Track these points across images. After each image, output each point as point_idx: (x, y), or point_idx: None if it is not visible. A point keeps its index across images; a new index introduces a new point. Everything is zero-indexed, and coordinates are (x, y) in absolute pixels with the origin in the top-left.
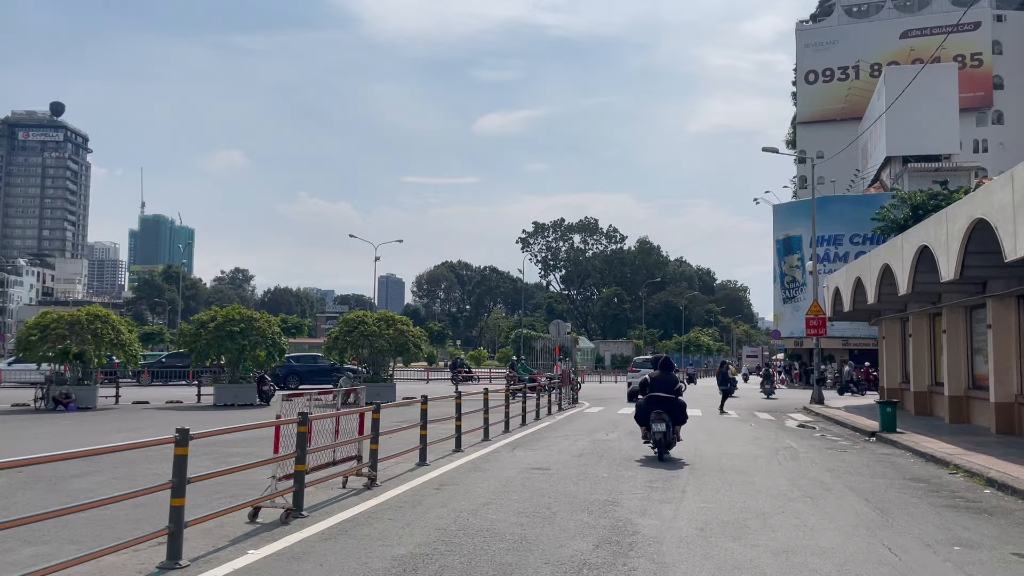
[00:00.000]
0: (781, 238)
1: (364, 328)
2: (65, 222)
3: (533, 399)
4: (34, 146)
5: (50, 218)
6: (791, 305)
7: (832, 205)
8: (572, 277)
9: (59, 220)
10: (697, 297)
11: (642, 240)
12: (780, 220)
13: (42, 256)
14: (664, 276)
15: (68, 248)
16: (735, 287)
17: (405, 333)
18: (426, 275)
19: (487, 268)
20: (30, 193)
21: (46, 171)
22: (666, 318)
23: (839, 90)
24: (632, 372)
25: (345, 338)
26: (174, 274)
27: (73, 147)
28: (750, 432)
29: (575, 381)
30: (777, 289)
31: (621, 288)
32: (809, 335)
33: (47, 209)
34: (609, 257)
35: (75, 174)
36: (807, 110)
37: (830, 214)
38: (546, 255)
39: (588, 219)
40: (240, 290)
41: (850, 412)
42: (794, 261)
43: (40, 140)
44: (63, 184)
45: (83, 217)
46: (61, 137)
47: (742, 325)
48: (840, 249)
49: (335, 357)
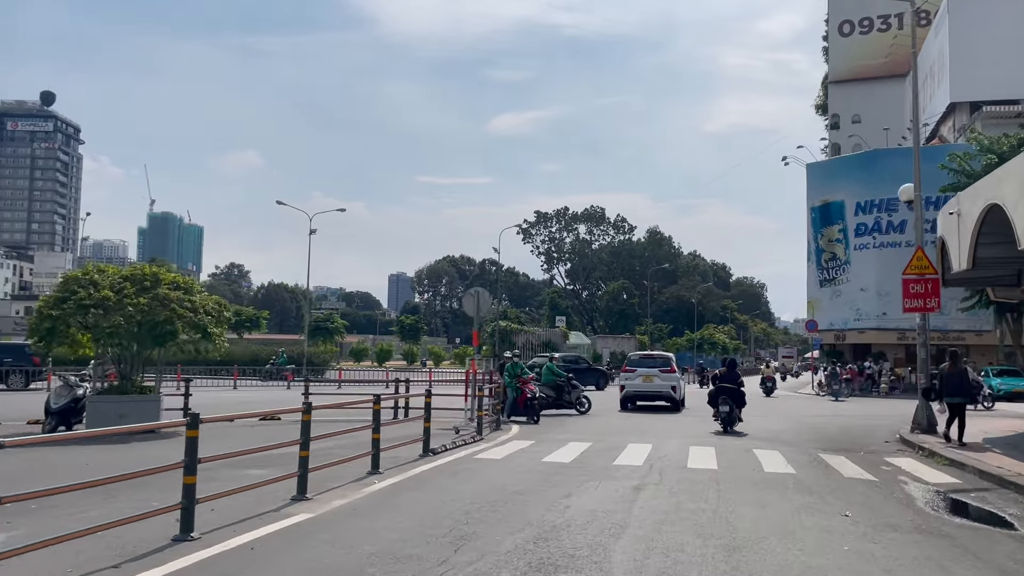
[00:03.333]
0: (817, 205)
1: (91, 295)
2: (55, 215)
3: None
4: (23, 136)
5: (39, 211)
6: (830, 289)
7: (883, 161)
8: (577, 271)
9: (48, 213)
10: (712, 291)
11: (652, 230)
12: (816, 183)
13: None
14: (676, 269)
15: (58, 242)
16: (752, 283)
17: (172, 303)
18: (426, 270)
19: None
20: (19, 185)
21: (35, 162)
22: (677, 313)
23: (879, 43)
24: (626, 372)
25: (57, 312)
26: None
27: (64, 138)
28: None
29: (525, 389)
30: (812, 270)
31: (629, 282)
32: (908, 310)
33: (36, 202)
34: (617, 249)
35: (65, 166)
36: (841, 66)
37: (880, 172)
38: (549, 247)
39: (594, 208)
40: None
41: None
42: (834, 234)
43: (29, 130)
44: (53, 176)
45: (74, 210)
46: (51, 127)
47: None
48: (895, 216)
49: (39, 346)
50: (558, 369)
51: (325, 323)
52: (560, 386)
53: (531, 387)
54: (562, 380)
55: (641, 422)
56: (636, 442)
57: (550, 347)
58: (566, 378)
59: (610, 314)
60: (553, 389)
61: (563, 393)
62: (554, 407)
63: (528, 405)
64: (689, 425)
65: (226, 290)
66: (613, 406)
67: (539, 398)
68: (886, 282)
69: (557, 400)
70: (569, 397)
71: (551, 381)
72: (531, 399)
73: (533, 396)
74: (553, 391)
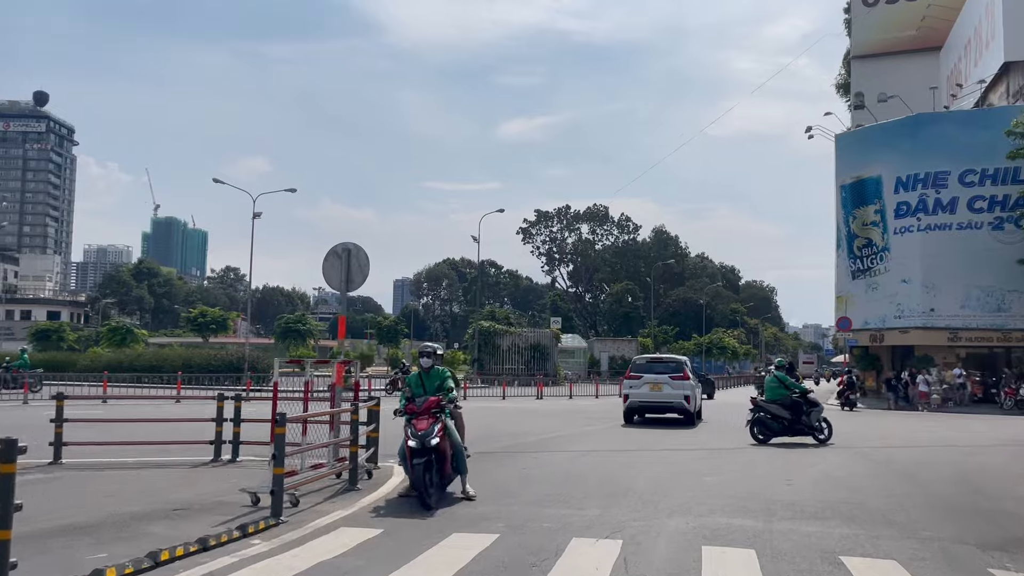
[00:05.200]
0: (848, 182)
1: None
2: (47, 217)
3: None
4: (15, 137)
5: (31, 213)
6: (865, 281)
7: (929, 127)
8: (580, 272)
9: (40, 215)
10: (721, 293)
11: (658, 230)
12: (847, 157)
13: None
14: (683, 270)
15: (50, 244)
16: (762, 287)
17: None
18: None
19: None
20: (10, 187)
21: (27, 163)
22: (684, 316)
23: (910, 13)
24: (631, 378)
25: None
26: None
27: (57, 139)
28: None
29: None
30: (842, 259)
31: (633, 283)
32: None
33: (28, 204)
34: (621, 249)
35: (59, 167)
36: (865, 40)
37: (926, 141)
38: (550, 247)
39: (598, 206)
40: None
41: None
42: (869, 215)
43: (22, 131)
44: (45, 177)
45: (67, 212)
46: (43, 128)
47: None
48: (944, 193)
49: None
50: (790, 380)
51: (296, 324)
52: (796, 404)
53: (442, 423)
54: (797, 395)
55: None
56: (595, 534)
57: (539, 350)
58: (802, 391)
59: (613, 317)
60: (787, 408)
61: (800, 414)
62: (788, 433)
63: (431, 467)
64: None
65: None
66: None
67: (765, 421)
68: (934, 272)
69: (793, 424)
70: (808, 420)
71: (781, 397)
72: (442, 460)
73: (454, 452)
74: (788, 411)
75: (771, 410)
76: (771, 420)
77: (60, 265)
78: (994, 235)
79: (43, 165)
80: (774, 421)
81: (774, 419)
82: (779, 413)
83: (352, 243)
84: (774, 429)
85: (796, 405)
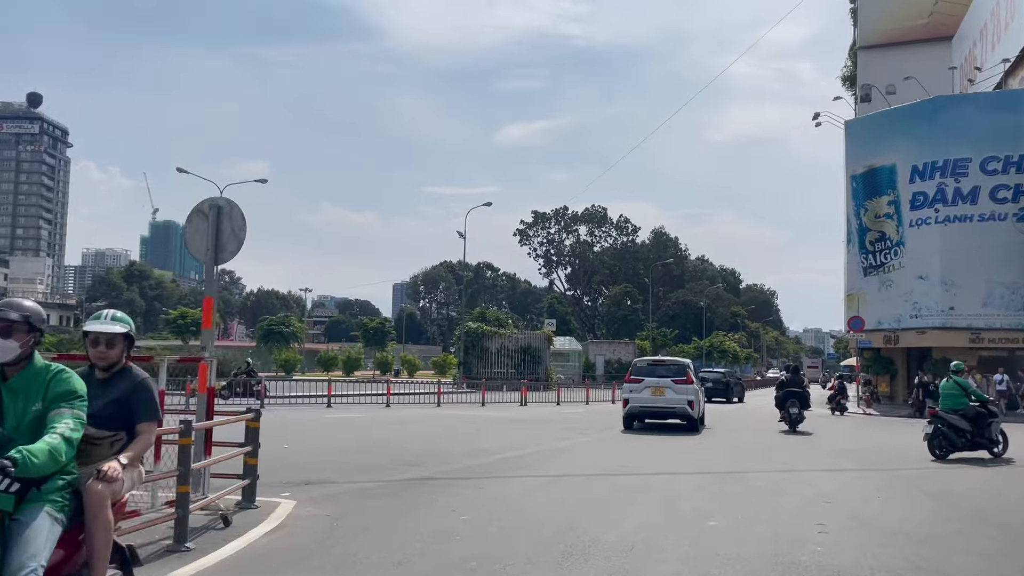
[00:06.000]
0: (860, 172)
1: None
2: (40, 219)
3: None
4: (8, 139)
5: (24, 215)
6: (877, 278)
7: (948, 111)
8: (578, 274)
9: (33, 218)
10: (722, 295)
11: (657, 231)
12: (857, 144)
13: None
14: (683, 273)
15: (43, 247)
16: (763, 290)
17: None
18: (422, 275)
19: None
20: (3, 189)
21: (20, 165)
22: (684, 319)
23: (920, 1)
24: (631, 382)
25: None
26: (136, 273)
27: (51, 140)
28: None
29: None
30: (852, 255)
31: (632, 286)
32: None
33: (21, 206)
34: (619, 251)
35: (52, 169)
36: (873, 29)
37: (945, 126)
38: (548, 249)
39: (596, 207)
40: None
41: None
42: (882, 207)
43: (15, 132)
44: (38, 179)
45: (61, 215)
46: (37, 129)
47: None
48: (964, 182)
49: None
50: (972, 386)
51: (279, 326)
52: (980, 415)
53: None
54: (977, 403)
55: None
56: None
57: (530, 353)
58: (983, 401)
59: (612, 320)
60: (969, 420)
61: (983, 427)
62: (969, 448)
63: None
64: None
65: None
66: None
67: (947, 434)
68: (954, 267)
69: (975, 437)
70: (990, 433)
71: (959, 407)
72: None
73: None
74: (970, 423)
75: (952, 421)
76: (953, 433)
77: (52, 268)
78: (1019, 227)
79: (36, 167)
80: (955, 434)
81: (955, 431)
82: (960, 425)
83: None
84: (956, 444)
85: (979, 416)
